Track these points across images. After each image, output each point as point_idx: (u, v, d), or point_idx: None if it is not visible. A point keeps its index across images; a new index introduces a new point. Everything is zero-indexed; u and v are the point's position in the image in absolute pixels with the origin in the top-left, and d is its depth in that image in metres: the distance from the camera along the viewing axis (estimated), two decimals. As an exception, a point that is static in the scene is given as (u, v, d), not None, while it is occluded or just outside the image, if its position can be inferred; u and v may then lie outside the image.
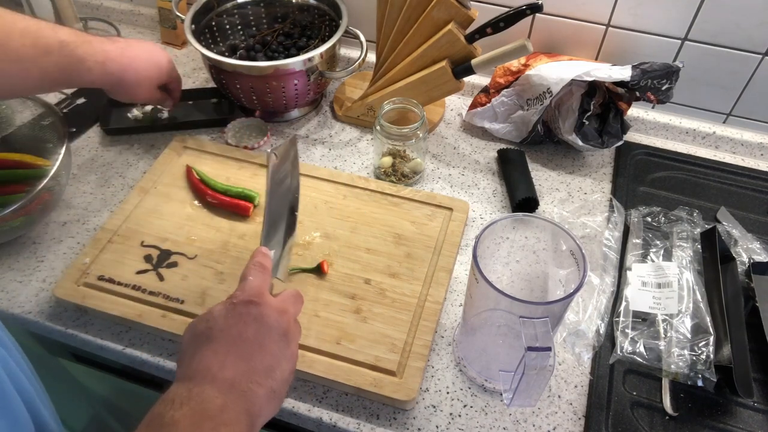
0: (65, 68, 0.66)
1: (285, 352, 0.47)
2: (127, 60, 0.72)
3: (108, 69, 0.70)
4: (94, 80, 0.69)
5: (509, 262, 0.63)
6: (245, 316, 0.46)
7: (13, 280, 0.73)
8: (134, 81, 0.74)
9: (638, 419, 0.62)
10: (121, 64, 0.71)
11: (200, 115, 0.95)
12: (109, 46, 0.70)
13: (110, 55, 0.69)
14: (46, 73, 0.65)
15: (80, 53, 0.66)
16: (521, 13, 0.76)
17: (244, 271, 0.52)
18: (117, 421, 1.08)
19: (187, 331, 0.47)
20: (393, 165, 0.84)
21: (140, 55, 0.74)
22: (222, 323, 0.46)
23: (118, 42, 0.72)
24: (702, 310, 0.67)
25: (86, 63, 0.67)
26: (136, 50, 0.74)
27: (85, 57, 0.67)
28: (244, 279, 0.50)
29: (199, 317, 0.48)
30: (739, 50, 0.84)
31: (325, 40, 0.88)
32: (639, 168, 0.88)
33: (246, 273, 0.51)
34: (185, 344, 0.47)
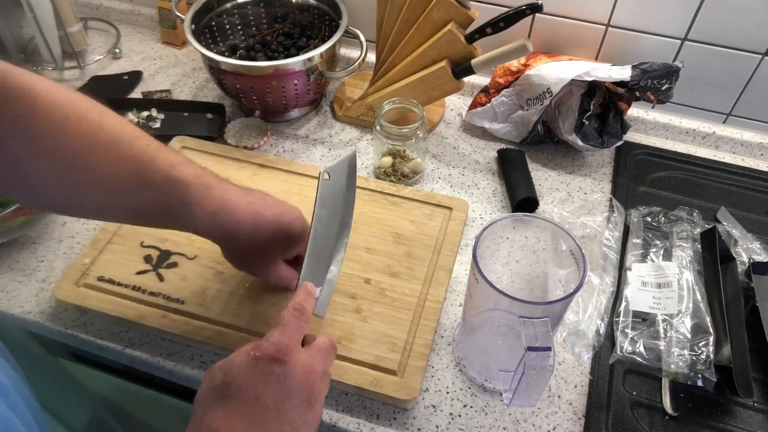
0: (163, 208, 0.52)
1: (306, 417, 0.43)
2: (249, 216, 0.55)
3: (218, 221, 0.54)
4: (198, 229, 0.54)
5: (509, 262, 0.63)
6: (267, 375, 0.42)
7: (13, 280, 0.73)
8: (247, 244, 0.56)
9: (638, 419, 0.62)
10: (237, 220, 0.55)
11: (193, 128, 0.92)
12: (235, 196, 0.55)
13: (228, 206, 0.54)
14: (138, 210, 0.52)
15: (188, 197, 0.52)
16: (521, 13, 0.76)
17: (282, 313, 0.47)
18: (117, 421, 1.08)
19: (206, 378, 0.44)
20: (393, 165, 0.84)
21: (266, 213, 0.56)
22: (240, 380, 0.42)
23: (250, 195, 0.57)
24: (702, 310, 0.67)
25: (192, 209, 0.52)
26: (267, 208, 0.57)
27: (192, 201, 0.52)
28: (277, 325, 0.46)
29: (220, 364, 0.44)
30: (739, 50, 0.84)
31: (325, 40, 0.88)
32: (639, 168, 0.88)
33: (282, 318, 0.47)
34: (201, 393, 0.43)
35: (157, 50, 1.10)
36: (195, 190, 0.52)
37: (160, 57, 1.08)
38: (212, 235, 0.56)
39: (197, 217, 0.53)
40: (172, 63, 1.07)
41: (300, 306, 0.49)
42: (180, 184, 0.51)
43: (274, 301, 0.68)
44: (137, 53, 1.09)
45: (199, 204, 0.53)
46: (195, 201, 0.52)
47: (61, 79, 1.02)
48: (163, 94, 0.99)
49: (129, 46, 1.11)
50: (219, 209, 0.54)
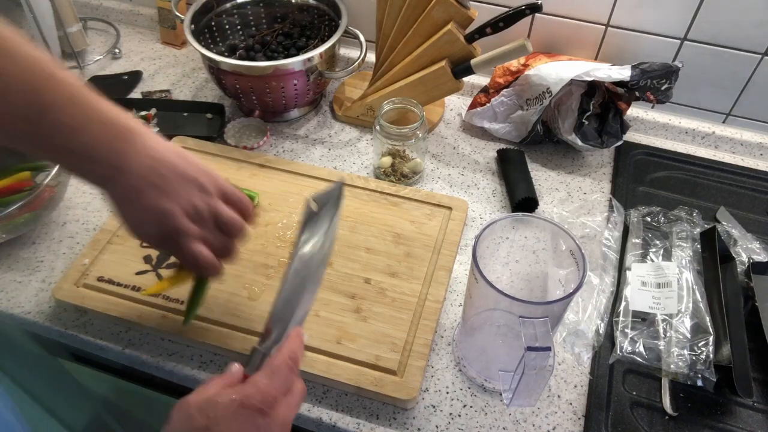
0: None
1: None
2: (130, 189, 0.50)
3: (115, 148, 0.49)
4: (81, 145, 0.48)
5: (509, 262, 0.63)
6: (250, 426, 0.42)
7: (12, 281, 0.73)
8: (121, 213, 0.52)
9: (638, 419, 0.62)
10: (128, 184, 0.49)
11: (192, 129, 0.92)
12: (136, 170, 0.49)
13: (148, 147, 0.49)
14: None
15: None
16: (521, 13, 0.76)
17: (275, 359, 0.46)
18: (117, 421, 1.08)
19: (182, 415, 0.42)
20: (392, 165, 0.84)
21: (142, 202, 0.51)
22: (224, 428, 0.41)
23: (158, 173, 0.50)
24: (701, 310, 0.67)
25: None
26: (152, 197, 0.50)
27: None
28: (269, 371, 0.45)
29: (198, 404, 0.42)
30: (739, 50, 0.84)
31: (325, 40, 0.88)
32: (638, 168, 0.88)
33: (274, 365, 0.45)
34: (175, 429, 0.42)
35: (156, 50, 1.10)
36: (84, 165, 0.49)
37: (160, 57, 1.08)
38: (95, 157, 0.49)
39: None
40: (172, 63, 1.07)
41: (295, 356, 0.47)
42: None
43: (272, 300, 0.68)
44: (137, 53, 1.09)
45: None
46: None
47: (60, 79, 1.02)
48: (163, 94, 0.99)
49: (128, 46, 1.11)
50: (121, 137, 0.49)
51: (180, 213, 0.51)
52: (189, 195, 0.51)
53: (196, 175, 0.52)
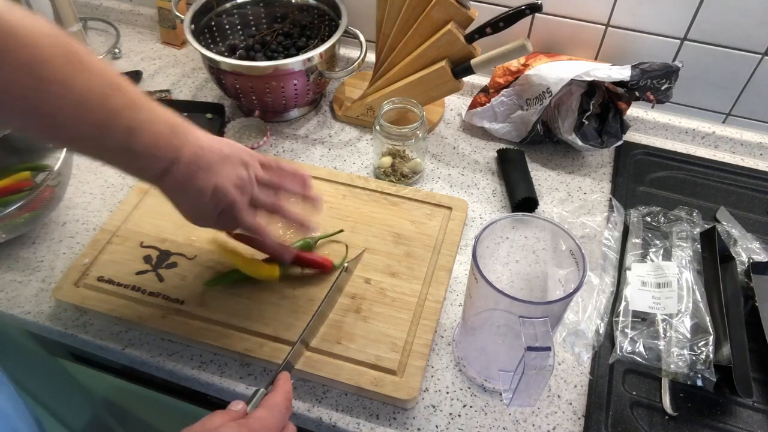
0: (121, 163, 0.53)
1: None
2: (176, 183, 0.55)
3: (163, 146, 0.53)
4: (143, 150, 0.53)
5: (509, 262, 0.63)
6: None
7: (12, 281, 0.73)
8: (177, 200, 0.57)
9: (638, 419, 0.62)
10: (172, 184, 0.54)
11: None
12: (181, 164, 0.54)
13: (166, 178, 0.54)
14: (102, 155, 0.52)
15: (139, 164, 0.53)
16: (521, 13, 0.76)
17: (274, 396, 0.49)
18: (117, 421, 1.08)
19: None
20: (392, 165, 0.84)
21: (192, 187, 0.55)
22: None
23: (202, 156, 0.55)
24: (701, 310, 0.67)
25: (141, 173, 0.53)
26: (200, 178, 0.55)
27: (140, 169, 0.53)
28: (269, 407, 0.48)
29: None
30: (739, 50, 0.84)
31: (325, 40, 0.88)
32: (638, 168, 0.88)
33: (273, 401, 0.49)
34: None
35: (156, 50, 1.10)
36: (144, 161, 0.53)
37: (160, 57, 1.08)
38: (153, 160, 0.54)
39: (145, 172, 0.54)
40: (172, 63, 1.07)
41: (289, 394, 0.50)
42: (132, 153, 0.52)
43: (273, 301, 0.68)
44: (137, 53, 1.09)
45: (146, 171, 0.54)
46: (144, 169, 0.53)
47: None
48: (163, 94, 0.99)
49: (128, 46, 1.11)
50: (159, 176, 0.54)
51: (230, 185, 0.57)
52: (233, 169, 0.57)
53: (236, 152, 0.59)
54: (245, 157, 0.59)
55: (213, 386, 0.64)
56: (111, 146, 0.51)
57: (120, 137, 0.51)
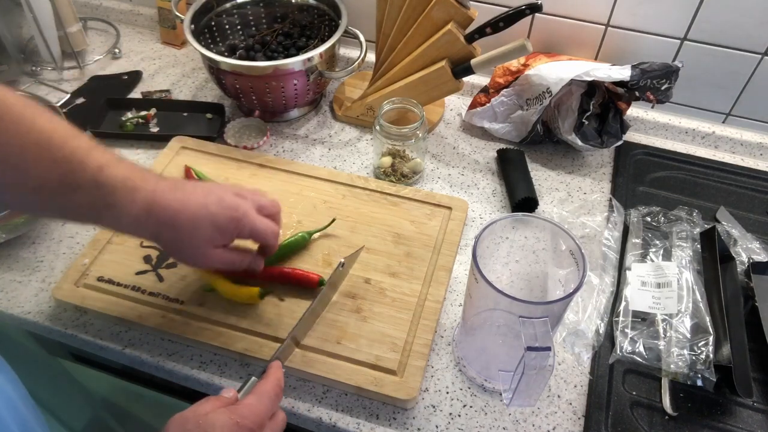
0: (90, 210, 0.52)
1: None
2: (170, 214, 0.54)
3: (141, 223, 0.54)
4: (125, 231, 0.55)
5: (509, 262, 0.63)
6: None
7: (12, 280, 0.73)
8: (173, 241, 0.56)
9: (638, 419, 0.62)
10: (158, 220, 0.54)
11: (192, 128, 0.92)
12: (162, 195, 0.54)
13: (152, 207, 0.53)
14: (67, 210, 0.53)
15: (112, 200, 0.52)
16: (521, 13, 0.76)
17: (264, 384, 0.50)
18: (117, 421, 1.08)
19: (178, 427, 0.45)
20: (392, 165, 0.84)
21: (188, 209, 0.55)
22: None
23: (180, 190, 0.56)
24: (701, 310, 0.67)
25: (115, 211, 0.52)
26: (191, 201, 0.56)
27: (116, 205, 0.52)
28: (259, 395, 0.49)
29: (196, 420, 0.45)
30: (739, 50, 0.84)
31: (325, 40, 0.88)
32: (638, 168, 0.88)
33: (263, 389, 0.50)
34: None
35: (156, 50, 1.10)
36: (120, 192, 0.52)
37: (160, 57, 1.08)
38: (139, 235, 0.57)
39: (121, 219, 0.53)
40: (172, 63, 1.07)
41: (280, 382, 0.51)
42: (106, 187, 0.51)
43: (273, 301, 0.68)
44: (137, 53, 1.09)
45: (122, 208, 0.52)
46: (119, 204, 0.52)
47: (60, 79, 1.02)
48: (163, 94, 0.99)
49: (128, 46, 1.11)
50: (142, 211, 0.53)
51: (230, 194, 0.58)
52: (219, 188, 0.59)
53: (215, 185, 0.61)
54: (228, 187, 0.61)
55: (213, 386, 0.64)
56: (83, 183, 0.50)
57: (91, 171, 0.50)
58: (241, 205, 0.58)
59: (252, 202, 0.60)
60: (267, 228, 0.61)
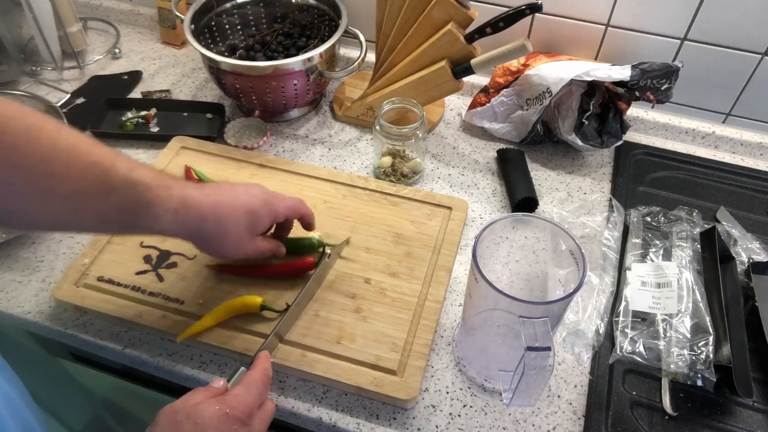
0: (126, 212, 0.53)
1: None
2: (209, 208, 0.57)
3: (181, 219, 0.55)
4: (164, 230, 0.55)
5: (509, 262, 0.63)
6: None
7: (12, 280, 0.73)
8: (215, 234, 0.58)
9: (638, 419, 0.62)
10: (200, 214, 0.56)
11: (192, 128, 0.92)
12: (192, 191, 0.56)
13: (188, 202, 0.55)
14: (103, 215, 0.52)
15: (150, 197, 0.53)
16: (521, 13, 0.76)
17: (252, 374, 0.51)
18: (117, 421, 1.08)
19: (168, 418, 0.46)
20: (392, 165, 0.84)
21: (224, 201, 0.58)
22: None
23: (206, 187, 0.59)
24: (701, 310, 0.67)
25: (154, 209, 0.53)
26: (223, 194, 0.59)
27: (154, 202, 0.53)
28: (247, 385, 0.50)
29: (186, 410, 0.46)
30: (739, 50, 0.84)
31: (325, 40, 0.88)
32: (638, 168, 0.88)
33: (251, 379, 0.51)
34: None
35: (156, 50, 1.10)
36: (155, 190, 0.53)
37: (160, 57, 1.08)
38: (178, 233, 0.57)
39: (160, 217, 0.54)
40: (172, 63, 1.07)
41: (267, 372, 0.53)
42: (141, 186, 0.52)
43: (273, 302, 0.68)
44: (137, 53, 1.09)
45: (161, 204, 0.53)
46: (157, 201, 0.53)
47: (60, 79, 1.02)
48: (163, 94, 0.99)
49: (128, 46, 1.11)
50: (180, 206, 0.55)
51: (254, 186, 0.62)
52: (244, 184, 0.63)
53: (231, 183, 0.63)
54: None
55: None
56: (117, 184, 0.51)
57: (123, 172, 0.51)
58: (268, 191, 0.63)
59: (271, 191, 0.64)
60: (297, 202, 0.66)
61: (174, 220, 0.55)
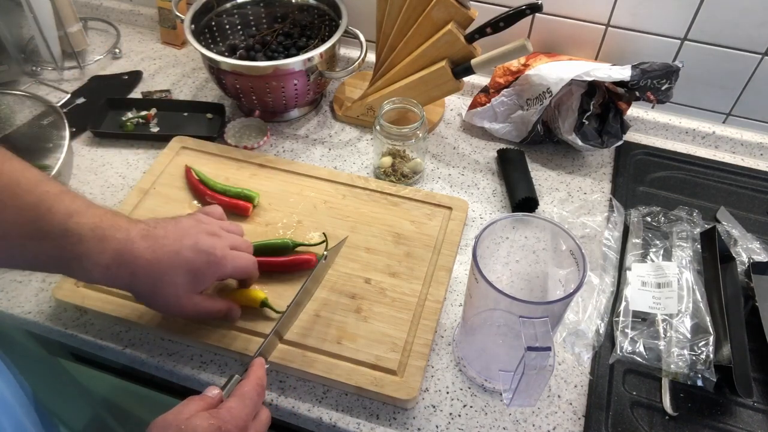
0: (57, 260, 0.50)
1: None
2: (144, 264, 0.52)
3: (113, 274, 0.52)
4: (97, 281, 0.53)
5: (509, 262, 0.63)
6: None
7: (13, 280, 0.73)
8: (148, 293, 0.55)
9: (638, 419, 0.62)
10: (133, 271, 0.52)
11: (192, 128, 0.92)
12: (134, 243, 0.52)
13: (123, 257, 0.51)
14: (35, 259, 0.50)
15: (81, 250, 0.50)
16: (521, 13, 0.76)
17: (243, 385, 0.50)
18: (117, 421, 1.08)
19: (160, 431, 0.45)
20: (393, 165, 0.84)
21: (163, 257, 0.53)
22: None
23: (152, 236, 0.54)
24: (702, 310, 0.67)
25: (84, 263, 0.50)
26: (166, 248, 0.54)
27: (84, 255, 0.50)
28: (240, 396, 0.49)
29: (177, 422, 0.44)
30: (739, 50, 0.84)
31: (325, 40, 0.88)
32: (639, 168, 0.88)
33: (243, 390, 0.49)
34: None
35: (156, 50, 1.10)
36: (88, 243, 0.50)
37: (160, 57, 1.08)
38: (112, 284, 0.54)
39: (90, 271, 0.51)
40: (172, 63, 1.07)
41: (261, 381, 0.51)
42: (74, 237, 0.50)
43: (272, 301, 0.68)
44: (137, 53, 1.09)
45: (91, 258, 0.51)
46: (87, 255, 0.50)
47: (61, 79, 1.02)
48: (163, 94, 0.99)
49: (129, 46, 1.11)
50: (112, 261, 0.52)
51: (203, 233, 0.58)
52: (193, 222, 0.59)
53: (181, 217, 0.60)
54: (190, 216, 0.60)
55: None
56: (51, 231, 0.48)
57: (59, 219, 0.49)
58: (217, 246, 0.57)
59: (227, 239, 0.59)
60: (247, 262, 0.61)
61: (105, 275, 0.52)
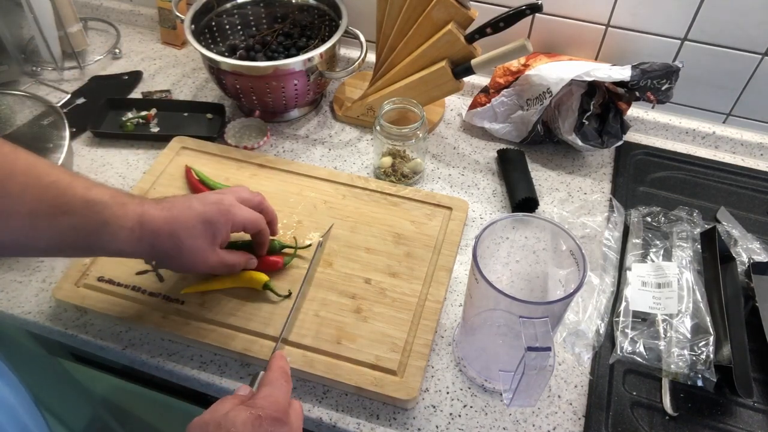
0: (84, 232, 0.52)
1: None
2: (162, 222, 0.56)
3: (137, 236, 0.54)
4: (122, 249, 0.55)
5: (509, 262, 0.63)
6: None
7: (13, 281, 0.73)
8: (171, 248, 0.57)
9: (638, 419, 0.62)
10: (154, 230, 0.55)
11: (192, 129, 0.92)
12: (149, 208, 0.55)
13: (144, 219, 0.55)
14: (60, 236, 0.52)
15: (106, 216, 0.53)
16: (521, 13, 0.76)
17: (268, 374, 0.50)
18: (117, 421, 1.08)
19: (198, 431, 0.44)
20: (393, 165, 0.84)
21: (178, 214, 0.57)
22: None
23: (163, 202, 0.58)
24: (702, 310, 0.67)
25: (110, 228, 0.53)
26: (177, 207, 0.57)
27: (110, 221, 0.53)
28: (269, 384, 0.49)
29: (215, 420, 0.44)
30: (739, 50, 0.84)
31: (325, 40, 0.88)
32: (639, 168, 0.88)
33: (270, 379, 0.49)
34: None
35: (157, 50, 1.10)
36: (112, 208, 0.53)
37: (160, 57, 1.08)
38: (136, 251, 0.56)
39: (117, 235, 0.54)
40: (172, 63, 1.07)
41: (284, 369, 0.51)
42: (97, 205, 0.52)
43: (272, 301, 0.68)
44: (137, 53, 1.09)
45: (117, 222, 0.53)
46: (113, 220, 0.53)
47: (61, 80, 1.02)
48: (163, 94, 0.99)
49: (129, 46, 1.11)
50: (136, 224, 0.54)
51: (213, 194, 0.62)
52: (203, 193, 0.62)
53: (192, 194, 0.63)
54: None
55: (213, 386, 0.64)
56: (74, 204, 0.51)
57: (81, 192, 0.52)
58: (224, 198, 0.61)
59: (232, 194, 0.63)
60: (256, 216, 0.64)
61: (130, 237, 0.54)
